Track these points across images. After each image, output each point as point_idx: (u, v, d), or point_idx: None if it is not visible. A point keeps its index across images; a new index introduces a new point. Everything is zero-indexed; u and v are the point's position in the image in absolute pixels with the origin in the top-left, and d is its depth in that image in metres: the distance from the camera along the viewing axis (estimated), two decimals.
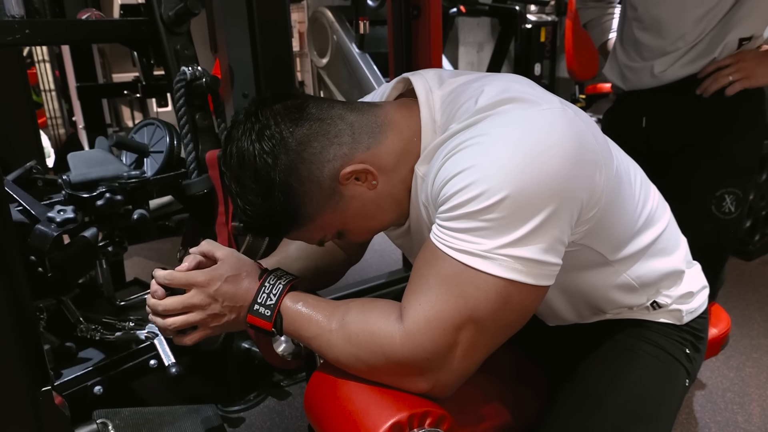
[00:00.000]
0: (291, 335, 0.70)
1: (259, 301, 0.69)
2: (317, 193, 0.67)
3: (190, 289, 0.69)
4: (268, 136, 0.65)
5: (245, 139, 0.66)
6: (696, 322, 0.82)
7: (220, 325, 0.70)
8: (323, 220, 0.69)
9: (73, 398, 1.08)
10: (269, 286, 0.69)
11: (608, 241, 0.71)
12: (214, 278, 0.69)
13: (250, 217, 0.67)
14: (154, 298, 0.70)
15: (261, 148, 0.65)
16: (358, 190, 0.69)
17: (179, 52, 1.32)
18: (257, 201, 0.66)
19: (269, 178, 0.65)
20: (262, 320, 0.69)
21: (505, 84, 0.67)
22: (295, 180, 0.65)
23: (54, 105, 2.34)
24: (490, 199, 0.57)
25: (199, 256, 0.73)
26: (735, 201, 1.16)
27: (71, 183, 1.16)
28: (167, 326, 0.69)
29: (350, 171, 0.67)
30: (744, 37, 1.13)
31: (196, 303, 0.69)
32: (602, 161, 0.64)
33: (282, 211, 0.66)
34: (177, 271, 0.70)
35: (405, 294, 0.63)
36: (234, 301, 0.69)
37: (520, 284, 0.59)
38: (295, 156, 0.65)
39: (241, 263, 0.71)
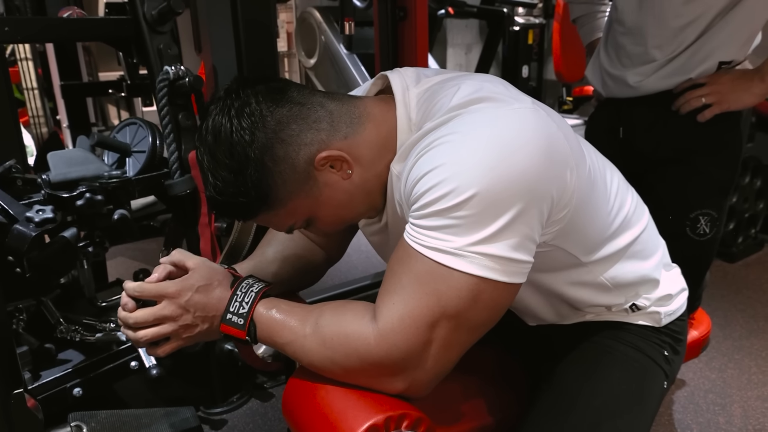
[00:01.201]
0: (266, 342, 0.69)
1: (232, 309, 0.68)
2: (291, 176, 0.66)
3: (161, 300, 0.68)
4: (248, 113, 0.65)
5: (224, 114, 0.65)
6: (675, 324, 0.83)
7: (193, 335, 0.70)
8: (294, 204, 0.68)
9: (52, 400, 1.07)
10: (241, 295, 0.69)
11: (581, 242, 0.71)
12: (185, 288, 0.68)
13: (219, 193, 0.66)
14: (125, 311, 0.69)
15: (239, 124, 0.64)
16: (332, 177, 0.68)
17: (162, 51, 1.31)
18: (229, 177, 0.65)
19: (244, 155, 0.64)
20: (235, 329, 0.68)
21: (479, 83, 0.68)
22: (270, 159, 0.65)
23: (37, 103, 2.31)
24: (460, 197, 0.57)
25: (170, 266, 0.72)
26: (710, 222, 1.15)
27: (51, 182, 1.14)
28: (139, 339, 0.68)
29: (326, 156, 0.67)
30: (724, 61, 1.12)
31: (167, 314, 0.68)
32: (573, 161, 0.64)
33: (253, 189, 0.65)
34: (147, 282, 0.69)
35: (379, 294, 0.63)
36: (206, 311, 0.69)
37: (492, 281, 0.60)
38: (272, 135, 0.65)
39: (212, 272, 0.71)
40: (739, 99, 1.10)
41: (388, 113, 0.71)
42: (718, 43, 1.10)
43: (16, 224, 1.01)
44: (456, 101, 0.65)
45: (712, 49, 1.11)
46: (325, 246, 0.90)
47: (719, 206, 1.16)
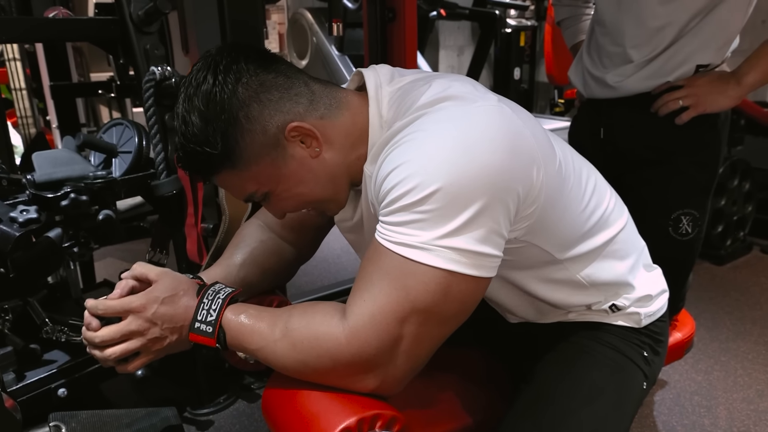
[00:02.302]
0: (236, 349, 0.69)
1: (199, 318, 0.68)
2: (260, 138, 0.67)
3: (126, 316, 0.67)
4: (234, 70, 0.66)
5: (210, 68, 0.66)
6: (655, 325, 0.83)
7: (163, 347, 0.69)
8: (258, 169, 0.68)
9: (36, 401, 1.06)
10: (208, 302, 0.68)
11: (554, 239, 0.71)
12: (150, 301, 0.68)
13: (186, 139, 0.66)
14: (89, 330, 0.68)
15: (224, 78, 0.65)
16: (300, 152, 0.69)
17: (149, 52, 1.31)
18: (200, 124, 0.65)
19: (221, 106, 0.65)
20: (204, 337, 0.68)
21: (448, 83, 0.69)
22: (244, 116, 0.66)
23: (25, 104, 2.30)
24: (424, 191, 0.58)
25: (132, 280, 0.72)
26: (692, 222, 1.16)
27: (35, 183, 1.14)
28: (107, 357, 0.68)
29: (297, 127, 0.67)
30: (701, 64, 1.13)
31: (134, 329, 0.67)
32: (540, 158, 0.65)
33: (221, 141, 0.65)
34: (110, 299, 0.69)
35: (351, 292, 0.64)
36: (174, 321, 0.68)
37: (459, 275, 0.60)
38: (252, 94, 0.66)
39: (176, 282, 0.70)
40: (715, 101, 1.11)
41: (363, 107, 0.72)
42: (695, 46, 1.11)
43: (0, 224, 1.01)
44: (424, 100, 0.66)
45: (689, 52, 1.12)
46: (295, 243, 0.90)
47: (701, 206, 1.17)
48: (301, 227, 0.89)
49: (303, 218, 0.88)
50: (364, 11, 1.79)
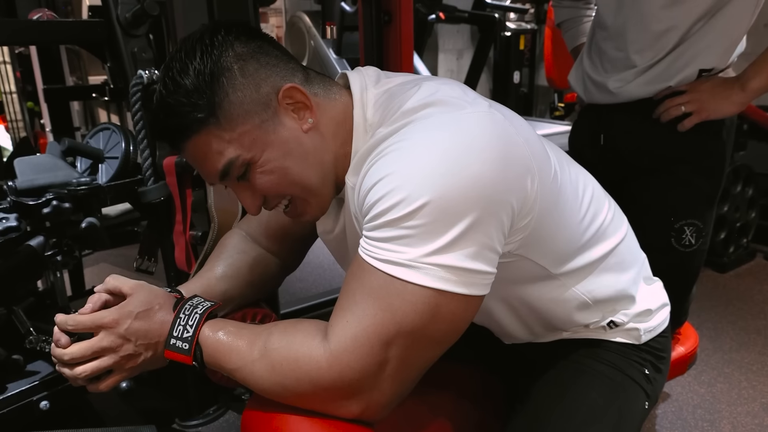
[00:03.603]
0: (213, 367, 0.65)
1: (175, 334, 0.64)
2: (251, 95, 0.63)
3: (98, 331, 0.64)
4: (234, 31, 0.64)
5: (208, 31, 0.64)
6: (656, 341, 0.80)
7: (137, 365, 0.66)
8: (244, 131, 0.63)
9: (18, 414, 1.03)
10: (185, 317, 0.65)
11: (549, 253, 0.68)
12: (123, 316, 0.64)
13: (169, 91, 0.62)
14: (58, 347, 0.65)
15: (223, 37, 0.63)
16: (291, 123, 0.66)
17: (137, 55, 1.28)
18: (189, 72, 0.62)
19: (216, 57, 0.62)
20: (180, 355, 0.64)
21: (436, 86, 0.65)
22: (239, 69, 0.63)
23: (15, 107, 2.28)
24: (411, 206, 0.54)
25: (105, 294, 0.68)
26: (695, 233, 1.12)
27: (17, 189, 1.11)
28: (77, 376, 0.64)
29: (292, 88, 0.65)
30: (704, 68, 1.09)
31: (106, 346, 0.64)
32: (535, 167, 0.61)
33: (208, 91, 0.62)
34: (80, 313, 0.65)
35: (333, 311, 0.60)
36: (148, 338, 0.65)
37: (449, 294, 0.56)
38: (249, 53, 0.64)
39: (152, 296, 0.67)
40: (719, 107, 1.07)
41: (350, 108, 0.69)
42: (698, 50, 1.08)
43: None
44: (411, 104, 0.62)
45: (692, 55, 1.08)
46: (278, 254, 0.86)
47: (705, 216, 1.13)
48: (284, 237, 0.85)
49: (286, 228, 0.84)
50: (359, 14, 1.76)
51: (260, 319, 0.85)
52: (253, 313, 0.85)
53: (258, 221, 0.86)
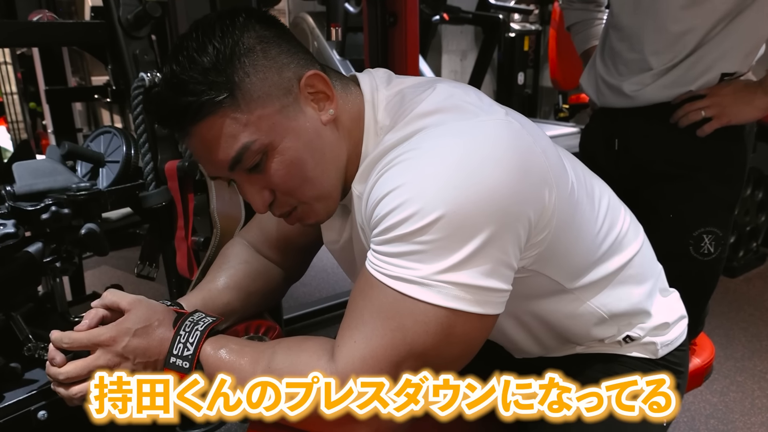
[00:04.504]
0: None
1: (175, 352, 0.62)
2: (273, 77, 0.60)
3: (95, 349, 0.62)
4: (255, 15, 0.61)
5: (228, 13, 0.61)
6: (673, 355, 0.77)
7: None
8: (263, 114, 0.60)
9: (15, 424, 1.01)
10: (185, 334, 0.62)
11: (564, 267, 0.65)
12: (121, 333, 0.62)
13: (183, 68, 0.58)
14: (53, 365, 0.63)
15: (244, 18, 0.60)
16: (311, 112, 0.63)
17: (138, 57, 1.26)
18: (208, 50, 0.58)
19: (238, 38, 0.59)
20: (180, 373, 0.62)
21: (450, 90, 0.62)
22: (262, 50, 0.60)
23: (16, 108, 2.26)
24: (424, 220, 0.51)
25: (102, 309, 0.66)
26: (714, 241, 1.09)
27: (15, 194, 1.09)
28: (73, 396, 0.62)
29: (316, 75, 0.62)
30: (727, 72, 1.06)
31: (102, 365, 0.62)
32: (552, 178, 0.58)
33: (228, 71, 0.58)
34: (77, 330, 0.63)
35: (339, 329, 0.57)
36: (147, 356, 0.62)
37: (464, 313, 0.53)
38: (272, 37, 0.61)
39: (150, 311, 0.64)
40: (740, 112, 1.04)
41: (362, 107, 0.66)
42: (720, 53, 1.04)
43: None
44: (423, 108, 0.60)
45: (714, 59, 1.05)
46: (282, 264, 0.84)
47: (724, 224, 1.10)
48: (287, 247, 0.82)
49: (290, 237, 0.81)
50: (364, 15, 1.74)
51: (264, 331, 0.83)
52: (256, 325, 0.83)
53: (260, 230, 0.84)
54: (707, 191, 1.09)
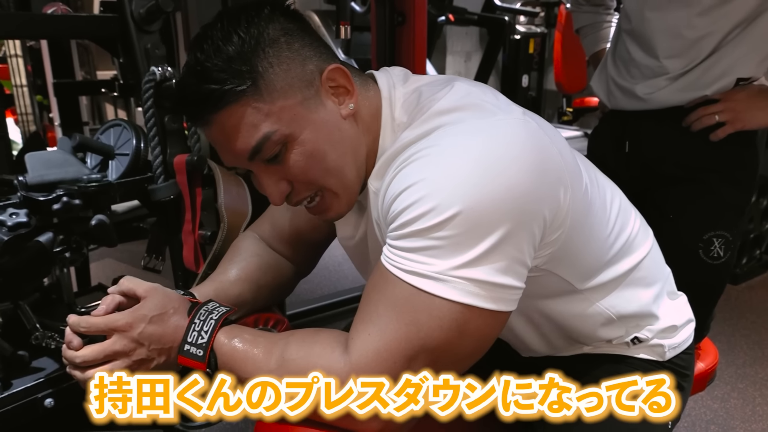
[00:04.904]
0: (228, 374, 0.63)
1: (190, 340, 0.63)
2: (296, 70, 0.61)
3: (111, 334, 0.63)
4: (279, 9, 0.62)
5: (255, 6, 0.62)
6: (680, 358, 0.78)
7: (149, 370, 0.64)
8: (285, 105, 0.60)
9: (22, 411, 1.02)
10: (200, 323, 0.63)
11: (576, 267, 0.66)
12: (137, 320, 0.63)
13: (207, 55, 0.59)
14: (70, 349, 0.63)
15: (269, 10, 0.61)
16: (331, 105, 0.63)
17: (149, 51, 1.27)
18: (233, 39, 0.59)
19: (263, 29, 0.60)
20: (194, 361, 0.63)
21: (468, 89, 0.63)
22: (286, 42, 0.60)
23: (26, 101, 2.27)
24: (441, 216, 0.52)
25: (119, 296, 0.67)
26: (724, 245, 1.09)
27: (27, 185, 1.10)
28: (88, 379, 0.63)
29: (337, 69, 0.62)
30: (742, 77, 1.06)
31: (118, 350, 0.62)
32: (568, 178, 0.59)
33: (253, 60, 0.59)
34: (94, 315, 0.64)
35: (353, 322, 0.58)
36: (162, 342, 0.63)
37: (478, 309, 0.54)
38: (296, 29, 0.62)
39: (166, 299, 0.65)
40: (754, 118, 1.04)
41: (379, 103, 0.67)
42: (736, 58, 1.05)
43: None
44: (441, 105, 0.60)
45: (729, 64, 1.05)
46: (292, 259, 0.85)
47: (734, 228, 1.10)
48: (298, 242, 0.83)
49: (301, 233, 0.82)
50: (372, 14, 1.75)
51: (272, 324, 0.83)
52: (265, 318, 0.83)
53: (272, 225, 0.85)
54: (718, 195, 1.09)
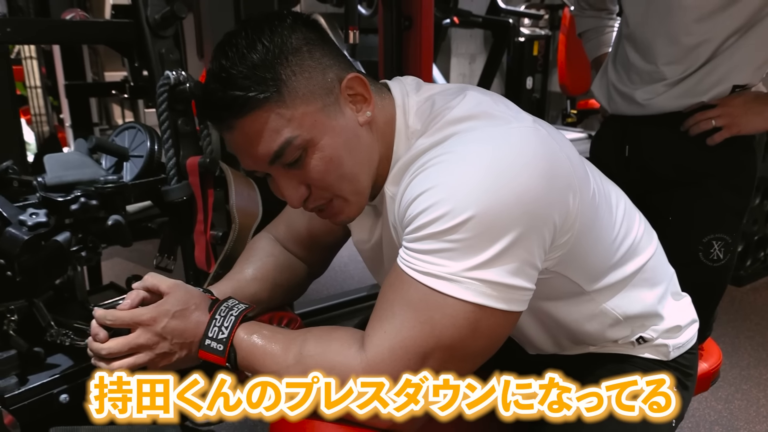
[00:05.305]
0: (246, 370, 0.66)
1: (210, 335, 0.65)
2: (317, 78, 0.63)
3: (135, 328, 0.65)
4: (301, 20, 0.64)
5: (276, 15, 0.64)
6: (684, 357, 0.80)
7: (171, 363, 0.67)
8: (307, 111, 0.63)
9: (38, 406, 1.05)
10: (220, 318, 0.66)
11: (584, 269, 0.68)
12: (161, 315, 0.65)
13: (233, 62, 0.61)
14: (96, 341, 0.66)
15: (291, 21, 0.63)
16: (349, 113, 0.66)
17: (164, 56, 1.30)
18: (257, 47, 0.61)
19: (286, 38, 0.62)
20: (214, 355, 0.65)
21: (480, 98, 0.66)
22: (308, 51, 0.63)
23: (39, 102, 2.31)
24: (455, 219, 0.55)
25: (143, 291, 0.69)
26: (723, 247, 1.11)
27: (46, 185, 1.13)
28: (113, 370, 0.65)
29: (356, 78, 0.64)
30: (738, 84, 1.08)
31: (142, 343, 0.65)
32: (577, 184, 0.62)
33: (277, 67, 0.61)
34: (119, 309, 0.67)
35: (369, 321, 0.60)
36: (184, 337, 0.66)
37: (490, 309, 0.57)
38: (316, 39, 0.64)
39: (188, 296, 0.68)
40: (750, 123, 1.07)
41: (393, 111, 0.69)
42: (732, 65, 1.07)
43: (9, 227, 0.99)
44: (455, 114, 0.63)
45: (726, 71, 1.08)
46: (306, 260, 0.87)
47: (733, 230, 1.13)
48: (312, 244, 0.86)
49: (315, 235, 0.85)
50: (379, 18, 1.77)
51: (286, 322, 0.86)
52: (279, 316, 0.86)
53: (288, 227, 0.87)
54: (717, 198, 1.12)
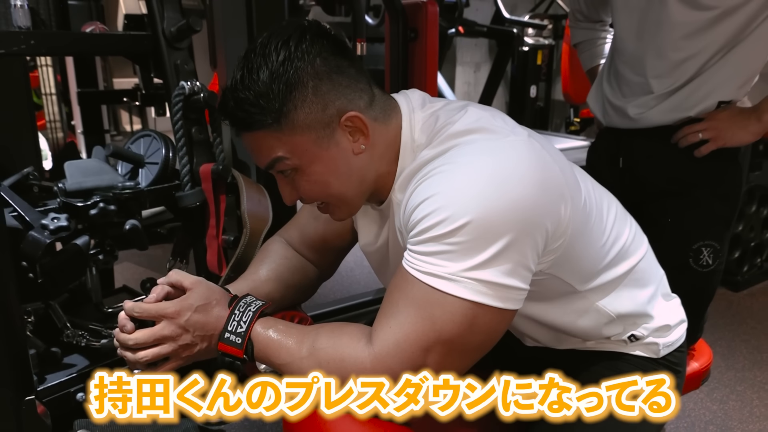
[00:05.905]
0: (262, 362, 0.71)
1: (230, 328, 0.70)
2: (317, 113, 0.67)
3: (160, 320, 0.69)
4: (318, 44, 0.67)
5: (294, 36, 0.67)
6: (673, 355, 0.84)
7: (192, 354, 0.71)
8: (300, 140, 0.68)
9: (55, 404, 1.09)
10: (239, 314, 0.70)
11: (576, 271, 0.73)
12: (184, 308, 0.70)
13: (244, 86, 0.66)
14: (123, 332, 0.70)
15: (307, 47, 0.66)
16: (345, 143, 0.70)
17: (179, 67, 1.34)
18: (267, 78, 0.65)
19: (296, 69, 0.65)
20: (233, 348, 0.69)
21: (480, 114, 0.71)
22: (313, 87, 0.67)
23: (54, 109, 2.36)
24: (454, 224, 0.60)
25: (167, 286, 0.74)
26: (712, 254, 1.16)
27: (66, 191, 1.17)
28: (138, 360, 0.70)
29: (355, 117, 0.68)
30: (723, 101, 1.13)
31: (167, 334, 0.69)
32: (568, 193, 0.66)
33: (280, 100, 0.65)
34: (146, 302, 0.71)
35: (377, 317, 0.65)
36: (205, 330, 0.70)
37: (486, 306, 0.61)
38: (327, 71, 0.67)
39: (210, 292, 0.72)
40: (735, 136, 1.11)
41: (399, 128, 0.74)
42: (718, 82, 1.12)
43: (31, 231, 1.04)
44: (456, 128, 0.68)
45: (712, 88, 1.12)
46: (316, 263, 0.92)
47: (721, 238, 1.17)
48: (323, 248, 0.91)
49: (325, 239, 0.90)
50: (386, 29, 1.82)
51: (298, 321, 0.90)
52: (291, 315, 0.90)
53: (299, 231, 0.92)
54: (706, 207, 1.16)
